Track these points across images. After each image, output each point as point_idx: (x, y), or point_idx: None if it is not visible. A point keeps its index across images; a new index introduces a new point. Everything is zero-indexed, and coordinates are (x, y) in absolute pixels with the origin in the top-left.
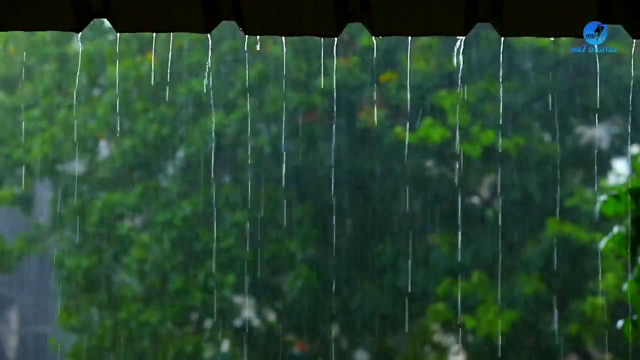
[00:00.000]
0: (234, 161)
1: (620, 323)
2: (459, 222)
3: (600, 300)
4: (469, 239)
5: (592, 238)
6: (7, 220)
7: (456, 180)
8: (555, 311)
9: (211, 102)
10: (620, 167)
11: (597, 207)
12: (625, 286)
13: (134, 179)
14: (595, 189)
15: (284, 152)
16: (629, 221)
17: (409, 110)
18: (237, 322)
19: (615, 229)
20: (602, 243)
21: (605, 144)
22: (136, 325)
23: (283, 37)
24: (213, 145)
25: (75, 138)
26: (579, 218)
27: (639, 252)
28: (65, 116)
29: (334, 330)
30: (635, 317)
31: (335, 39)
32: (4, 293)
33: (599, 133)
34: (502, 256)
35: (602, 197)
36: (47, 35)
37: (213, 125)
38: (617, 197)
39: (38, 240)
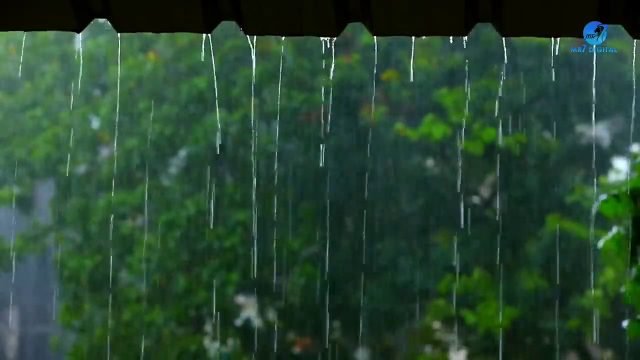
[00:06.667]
0: (237, 160)
1: (625, 323)
2: (460, 219)
3: (598, 295)
4: (470, 236)
5: (591, 234)
6: (8, 221)
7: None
8: (556, 307)
9: (214, 100)
10: (620, 165)
11: (596, 206)
12: (623, 288)
13: (136, 179)
14: (595, 186)
15: (282, 151)
16: (627, 221)
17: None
18: (240, 321)
19: (614, 229)
20: (601, 243)
21: (605, 142)
22: (139, 325)
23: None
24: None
25: (77, 137)
26: (579, 215)
27: (638, 252)
28: (67, 116)
29: (335, 327)
30: (638, 317)
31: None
32: (3, 293)
33: (599, 131)
34: (503, 253)
35: (602, 197)
36: (49, 34)
37: (203, 123)
38: (616, 197)
39: (38, 240)
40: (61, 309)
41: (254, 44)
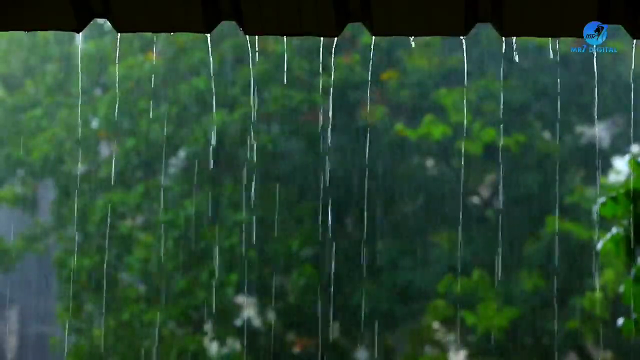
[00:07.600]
0: (236, 160)
1: (620, 321)
2: (460, 219)
3: (598, 296)
4: (470, 236)
5: (591, 235)
6: (9, 221)
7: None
8: (555, 307)
9: (213, 101)
10: (620, 165)
11: (596, 208)
12: (622, 287)
13: (135, 179)
14: (595, 186)
15: (283, 150)
16: (626, 222)
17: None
18: (240, 322)
19: (614, 230)
20: (600, 244)
21: (605, 143)
22: (139, 325)
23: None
24: (210, 144)
25: (77, 137)
26: (579, 215)
27: (637, 253)
28: (67, 115)
29: (335, 328)
30: (634, 317)
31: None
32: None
33: (599, 131)
34: (502, 254)
35: (601, 199)
36: (49, 35)
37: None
38: (615, 199)
39: (38, 240)
40: (60, 309)
41: (253, 44)
